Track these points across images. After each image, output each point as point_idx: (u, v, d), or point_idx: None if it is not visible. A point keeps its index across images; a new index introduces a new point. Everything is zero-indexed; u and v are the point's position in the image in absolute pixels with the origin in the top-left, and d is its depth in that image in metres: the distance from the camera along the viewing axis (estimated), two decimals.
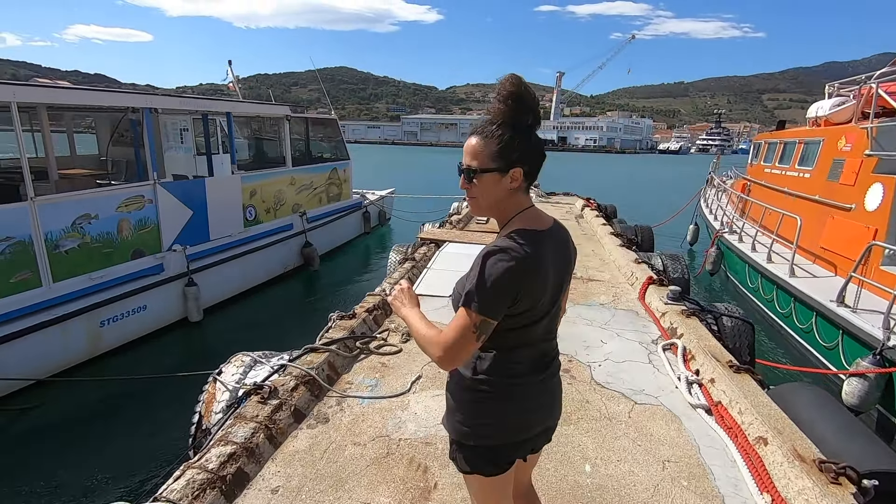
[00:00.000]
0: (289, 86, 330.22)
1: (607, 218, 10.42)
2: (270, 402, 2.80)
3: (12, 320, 4.77)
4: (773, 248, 7.43)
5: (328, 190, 10.64)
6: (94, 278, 5.51)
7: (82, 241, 5.42)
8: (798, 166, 8.76)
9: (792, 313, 6.51)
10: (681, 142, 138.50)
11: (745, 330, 4.48)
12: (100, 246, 5.61)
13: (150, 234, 6.25)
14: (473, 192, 1.38)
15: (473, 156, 1.34)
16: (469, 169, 1.35)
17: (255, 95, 13.49)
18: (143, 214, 6.13)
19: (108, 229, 5.71)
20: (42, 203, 5.01)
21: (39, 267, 5.01)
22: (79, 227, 5.37)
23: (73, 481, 3.92)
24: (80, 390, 5.16)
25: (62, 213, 5.23)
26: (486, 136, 1.31)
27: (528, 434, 1.46)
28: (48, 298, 5.08)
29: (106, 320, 5.66)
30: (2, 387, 4.76)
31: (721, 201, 11.91)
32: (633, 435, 2.81)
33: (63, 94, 5.91)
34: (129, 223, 5.95)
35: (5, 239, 4.70)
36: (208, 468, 2.25)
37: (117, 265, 5.81)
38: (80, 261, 5.42)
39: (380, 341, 3.92)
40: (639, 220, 11.43)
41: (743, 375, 3.23)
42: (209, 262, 7.06)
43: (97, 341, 5.60)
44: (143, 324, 6.16)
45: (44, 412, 4.82)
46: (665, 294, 4.82)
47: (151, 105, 6.29)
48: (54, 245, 5.14)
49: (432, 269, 5.88)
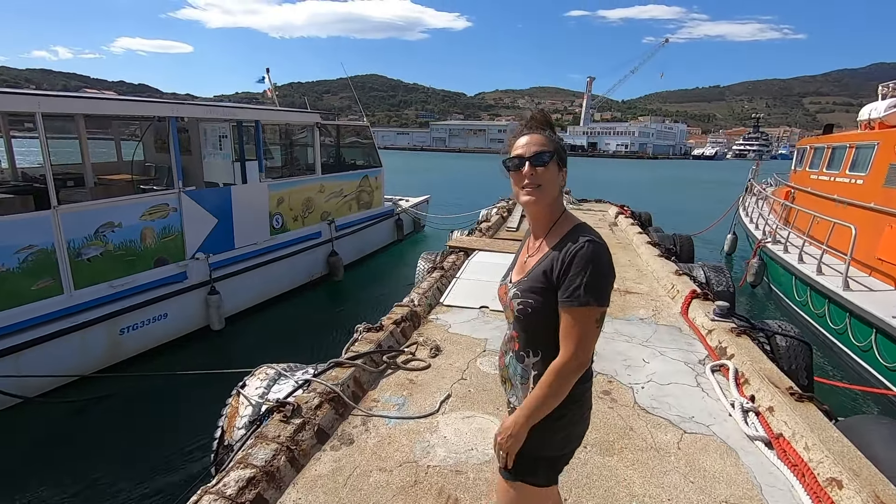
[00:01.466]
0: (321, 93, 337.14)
1: (643, 226, 10.03)
2: (293, 421, 2.67)
3: (33, 327, 4.81)
4: (822, 260, 6.95)
5: (359, 197, 10.54)
6: (115, 286, 5.52)
7: (105, 248, 5.44)
8: (849, 172, 8.22)
9: (847, 329, 6.05)
10: (716, 147, 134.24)
11: (802, 351, 4.12)
12: (122, 254, 5.63)
13: (174, 243, 6.25)
14: (540, 178, 1.39)
15: (543, 144, 1.39)
16: (542, 153, 1.37)
17: (288, 103, 13.59)
18: (167, 223, 6.13)
19: (132, 237, 5.73)
20: (65, 212, 5.05)
21: (61, 274, 5.04)
22: (101, 236, 5.40)
23: (86, 496, 3.85)
24: (101, 397, 5.16)
25: (85, 221, 5.26)
26: (548, 135, 1.41)
27: (579, 443, 1.50)
28: (69, 306, 5.10)
29: (126, 328, 5.67)
30: (33, 388, 4.81)
31: (762, 209, 11.33)
32: (683, 469, 2.55)
33: (91, 105, 5.99)
34: (153, 231, 5.97)
35: (28, 247, 4.74)
36: (226, 494, 2.12)
37: (139, 273, 5.82)
38: (103, 268, 5.44)
39: (407, 356, 3.75)
40: (674, 228, 10.97)
41: (807, 404, 2.92)
42: (233, 271, 7.03)
43: (117, 348, 5.61)
44: (164, 332, 6.15)
45: (58, 420, 4.82)
46: (711, 309, 4.50)
47: (176, 114, 6.33)
48: (77, 253, 5.17)
49: (461, 279, 5.70)
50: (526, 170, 1.38)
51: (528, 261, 1.48)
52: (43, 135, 4.88)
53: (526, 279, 1.43)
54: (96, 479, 3.99)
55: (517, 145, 1.42)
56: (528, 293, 1.39)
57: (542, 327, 1.38)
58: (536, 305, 1.36)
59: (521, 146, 1.41)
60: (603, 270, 1.28)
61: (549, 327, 1.36)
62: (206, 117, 7.45)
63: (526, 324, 1.42)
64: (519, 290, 1.42)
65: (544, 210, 1.43)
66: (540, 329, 1.39)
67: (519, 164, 1.40)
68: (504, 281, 1.59)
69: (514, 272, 1.56)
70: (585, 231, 1.38)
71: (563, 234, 1.40)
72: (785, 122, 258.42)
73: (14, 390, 4.64)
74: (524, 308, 1.39)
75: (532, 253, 1.49)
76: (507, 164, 1.43)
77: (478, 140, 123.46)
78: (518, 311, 1.41)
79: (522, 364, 1.47)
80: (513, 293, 1.44)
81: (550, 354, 1.36)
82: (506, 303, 1.51)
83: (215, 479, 2.23)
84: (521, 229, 9.38)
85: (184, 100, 8.13)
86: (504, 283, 1.58)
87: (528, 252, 1.52)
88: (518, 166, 1.41)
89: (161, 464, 4.16)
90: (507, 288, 1.53)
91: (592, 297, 1.26)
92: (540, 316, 1.37)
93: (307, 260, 8.71)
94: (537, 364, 1.43)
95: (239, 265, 7.18)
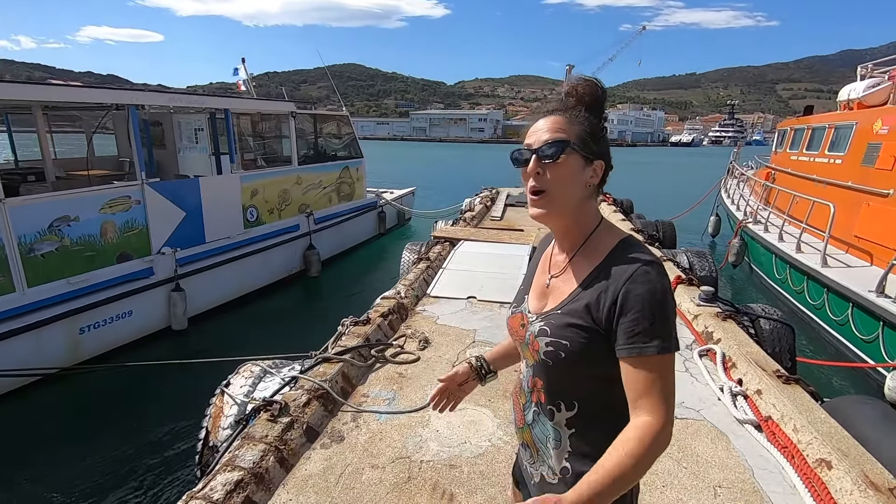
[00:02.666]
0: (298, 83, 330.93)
1: (625, 213, 10.11)
2: (281, 419, 2.59)
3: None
4: (801, 238, 7.10)
5: (339, 189, 10.33)
6: (73, 283, 5.28)
7: (61, 244, 5.19)
8: (828, 152, 8.39)
9: (825, 305, 6.21)
10: (693, 134, 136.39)
11: (785, 333, 4.19)
12: (81, 249, 5.37)
13: (138, 237, 5.99)
14: (545, 181, 1.02)
15: (559, 130, 1.01)
16: (553, 142, 1.00)
17: (264, 93, 13.22)
18: (130, 216, 5.87)
19: (91, 232, 5.46)
20: (14, 205, 4.78)
21: (12, 271, 4.79)
22: (57, 230, 5.14)
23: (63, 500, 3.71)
24: (67, 394, 4.99)
25: (37, 215, 4.98)
26: (572, 116, 1.03)
27: None
28: (21, 304, 4.86)
29: (87, 326, 5.44)
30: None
31: (743, 191, 11.53)
32: (676, 455, 2.56)
33: (42, 91, 5.69)
34: (115, 225, 5.70)
35: None
36: (213, 499, 2.04)
37: (100, 269, 5.57)
38: (59, 265, 5.19)
39: (396, 349, 3.70)
40: (656, 214, 11.09)
41: (794, 386, 2.95)
42: (203, 266, 6.80)
43: (76, 349, 5.39)
44: (128, 330, 5.93)
45: (25, 419, 4.65)
46: (696, 295, 4.54)
47: (136, 101, 6.04)
48: (28, 248, 4.92)
49: (448, 270, 5.64)
50: (530, 166, 1.03)
51: (555, 284, 1.12)
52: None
53: (558, 312, 1.06)
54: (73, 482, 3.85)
55: (528, 131, 1.08)
56: (561, 330, 1.03)
57: (578, 373, 1.04)
58: (574, 349, 1.01)
59: (531, 132, 1.06)
60: (673, 303, 0.97)
61: (586, 373, 1.04)
62: (171, 105, 7.14)
63: (557, 371, 1.06)
64: (547, 327, 1.06)
65: (559, 218, 1.07)
66: (575, 376, 1.05)
67: (523, 157, 1.05)
68: (519, 308, 1.20)
69: (531, 297, 1.18)
70: (638, 248, 1.03)
71: (605, 251, 1.05)
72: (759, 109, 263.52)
73: None
74: (555, 352, 1.03)
75: (558, 273, 1.12)
76: (513, 157, 1.07)
77: (458, 129, 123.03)
78: (546, 353, 1.04)
79: (553, 422, 1.10)
80: (537, 329, 1.08)
81: (590, 408, 1.06)
82: (521, 338, 1.15)
83: (201, 484, 2.15)
84: (505, 219, 9.35)
85: (155, 90, 7.79)
86: (519, 310, 1.20)
87: (551, 271, 1.15)
88: (521, 161, 1.05)
89: (142, 466, 4.03)
90: (524, 319, 1.16)
91: (670, 340, 0.95)
92: (578, 362, 1.02)
93: (284, 254, 8.49)
94: (574, 420, 1.07)
95: (210, 259, 6.94)
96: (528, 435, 1.17)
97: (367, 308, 4.33)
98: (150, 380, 5.30)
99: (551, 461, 1.11)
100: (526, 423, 1.17)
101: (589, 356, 1.00)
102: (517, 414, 1.22)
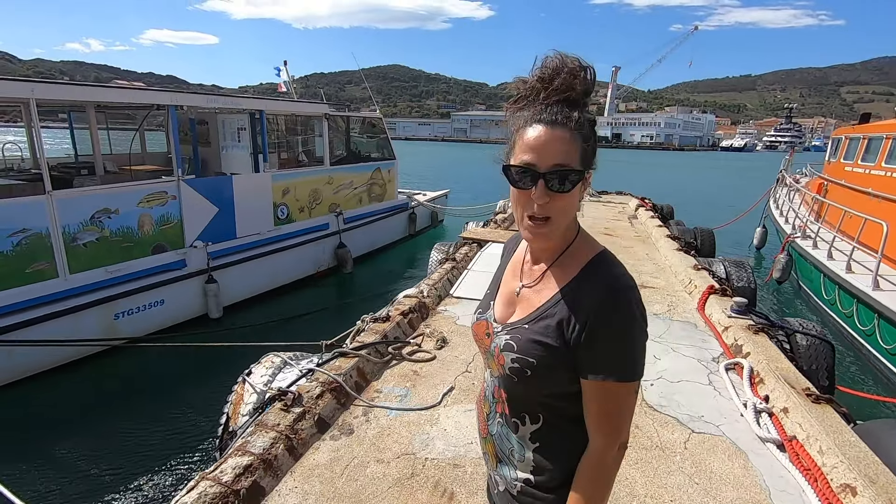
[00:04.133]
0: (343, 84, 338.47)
1: (663, 219, 9.80)
2: (294, 409, 2.68)
3: (27, 308, 4.95)
4: (853, 257, 6.66)
5: (370, 190, 10.51)
6: (110, 271, 5.63)
7: (101, 234, 5.56)
8: (885, 164, 7.84)
9: (875, 331, 5.79)
10: (746, 138, 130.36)
11: (824, 350, 3.95)
12: (119, 240, 5.74)
13: (173, 230, 6.33)
14: (550, 209, 0.92)
15: (568, 151, 0.91)
16: (566, 170, 0.90)
17: (311, 94, 13.58)
18: (166, 210, 6.22)
19: (129, 224, 5.83)
20: (60, 197, 5.16)
21: (56, 258, 5.17)
22: (98, 221, 5.51)
23: (91, 474, 3.95)
24: (99, 376, 5.29)
25: (81, 207, 5.36)
26: (576, 127, 0.91)
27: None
28: (64, 289, 5.23)
29: (121, 313, 5.79)
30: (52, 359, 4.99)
31: (793, 202, 10.92)
32: (689, 470, 2.47)
33: (88, 92, 6.09)
34: (151, 218, 6.06)
35: (21, 231, 4.88)
36: (222, 481, 2.14)
37: (136, 259, 5.92)
38: (98, 254, 5.55)
39: (413, 347, 3.74)
40: (699, 222, 10.68)
41: (823, 406, 2.79)
42: (233, 260, 7.09)
43: (111, 333, 5.73)
44: (160, 318, 6.25)
45: (67, 398, 4.96)
46: (728, 306, 4.36)
47: (175, 103, 6.40)
48: (72, 238, 5.29)
49: (472, 271, 5.65)
50: (537, 192, 0.91)
51: (526, 294, 1.06)
52: (36, 121, 4.99)
53: (526, 327, 1.00)
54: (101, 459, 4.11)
55: (526, 141, 0.92)
56: (528, 347, 0.98)
57: (544, 389, 1.00)
58: (540, 366, 0.97)
59: (531, 146, 0.91)
60: (644, 328, 0.95)
61: (552, 389, 1.00)
62: (212, 107, 7.49)
63: (522, 386, 1.01)
64: (513, 341, 1.00)
65: (558, 240, 1.01)
66: (540, 391, 1.01)
67: (527, 178, 0.92)
68: (484, 315, 1.14)
69: (498, 304, 1.12)
70: (612, 266, 0.98)
71: (580, 265, 0.99)
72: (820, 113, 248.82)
73: (6, 372, 4.82)
74: (521, 369, 0.98)
75: (531, 283, 1.06)
76: (512, 173, 0.95)
77: (499, 130, 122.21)
78: (511, 370, 1.00)
79: (517, 434, 1.07)
80: (503, 343, 1.02)
81: (554, 421, 1.02)
82: (486, 347, 1.10)
83: (213, 466, 2.26)
84: None
85: (209, 91, 8.18)
86: (484, 318, 1.13)
87: (523, 279, 1.09)
88: (523, 182, 0.93)
89: (167, 446, 4.27)
90: (489, 327, 1.10)
91: (636, 369, 0.94)
92: (544, 378, 0.98)
93: (314, 251, 8.72)
94: (538, 433, 1.04)
95: (241, 255, 7.23)
96: (491, 446, 1.14)
97: (391, 305, 4.40)
98: (180, 365, 5.58)
99: (514, 472, 1.08)
100: (490, 433, 1.14)
101: (555, 374, 0.97)
102: (480, 423, 1.19)
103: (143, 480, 3.89)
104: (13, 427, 4.53)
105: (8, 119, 9.00)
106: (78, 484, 3.84)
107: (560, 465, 1.02)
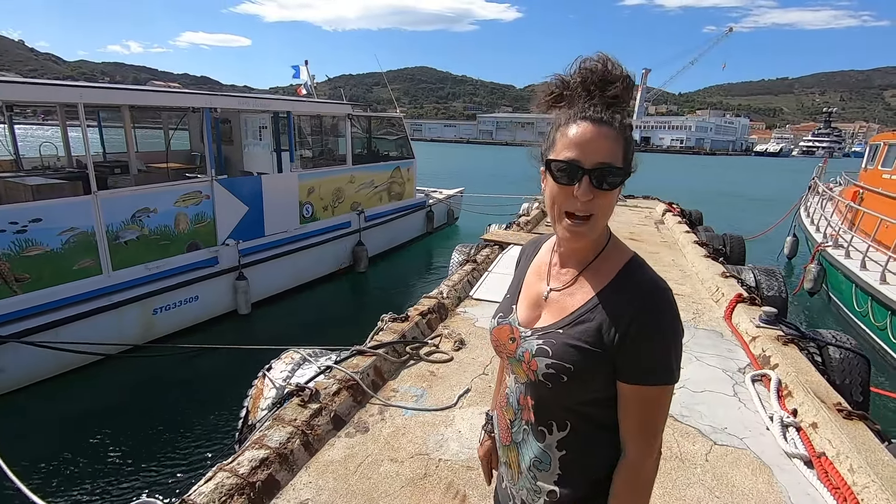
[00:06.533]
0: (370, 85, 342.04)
1: (691, 225, 9.56)
2: (311, 405, 2.71)
3: (75, 304, 5.16)
4: (888, 267, 6.38)
5: (390, 188, 10.63)
6: (150, 268, 5.84)
7: (141, 232, 5.76)
8: None
9: None
10: (782, 143, 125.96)
11: (858, 364, 3.78)
12: (157, 238, 5.94)
13: (206, 228, 6.51)
14: (594, 206, 0.92)
15: (615, 150, 0.91)
16: (613, 168, 0.91)
17: (339, 95, 13.81)
18: (200, 209, 6.41)
19: (166, 222, 6.02)
20: (104, 197, 5.38)
21: (100, 256, 5.38)
22: (138, 220, 5.72)
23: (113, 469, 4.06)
24: (128, 374, 5.45)
25: (123, 206, 5.58)
26: (620, 127, 0.93)
27: None
28: (107, 285, 5.44)
29: (159, 308, 5.97)
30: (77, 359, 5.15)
31: (825, 211, 10.52)
32: (709, 483, 2.40)
33: (132, 96, 6.32)
34: (187, 217, 6.25)
35: (70, 229, 5.09)
36: (239, 472, 2.18)
37: (173, 257, 6.11)
38: (139, 251, 5.76)
39: (431, 347, 3.74)
40: (729, 228, 10.38)
41: (856, 423, 2.68)
42: (262, 258, 7.25)
43: (150, 328, 5.92)
44: (194, 314, 6.42)
45: (93, 395, 5.11)
46: (757, 315, 4.22)
47: (210, 105, 6.58)
48: (115, 236, 5.50)
49: (493, 273, 5.62)
50: (581, 189, 0.90)
51: (556, 298, 1.03)
52: (84, 124, 5.20)
53: (561, 331, 0.97)
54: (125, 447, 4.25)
55: (571, 138, 0.91)
56: (565, 351, 0.94)
57: (577, 395, 0.97)
58: (577, 371, 0.93)
59: (576, 143, 0.91)
60: (682, 331, 0.94)
61: (586, 396, 0.97)
62: (243, 108, 7.67)
63: (555, 392, 0.97)
64: (548, 346, 0.96)
65: (596, 241, 1.00)
66: (573, 397, 0.98)
67: (571, 173, 0.91)
68: (506, 319, 1.10)
69: (521, 307, 1.09)
70: (647, 271, 0.97)
71: (613, 271, 0.98)
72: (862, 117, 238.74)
73: (52, 365, 4.99)
74: (557, 375, 0.94)
75: (561, 287, 1.03)
76: (554, 168, 0.93)
77: (525, 133, 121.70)
78: (546, 375, 0.96)
79: (542, 443, 1.02)
80: (535, 347, 0.98)
81: (584, 428, 0.99)
82: (511, 352, 1.05)
83: (231, 458, 2.31)
84: None
85: (241, 91, 8.41)
86: (507, 322, 1.09)
87: (550, 281, 1.06)
88: (568, 178, 0.92)
89: (192, 440, 4.38)
90: (513, 332, 1.07)
91: (673, 372, 0.93)
92: (580, 384, 0.95)
93: (335, 249, 8.85)
94: (565, 441, 1.00)
95: (269, 252, 7.39)
96: (514, 454, 1.09)
97: (408, 303, 4.42)
98: (208, 360, 5.71)
99: (537, 483, 1.04)
100: (513, 440, 1.10)
101: (591, 379, 0.95)
102: (502, 431, 1.14)
103: (163, 468, 4.01)
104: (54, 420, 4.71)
105: (46, 118, 9.38)
106: (97, 471, 3.98)
107: (586, 475, 1.01)
